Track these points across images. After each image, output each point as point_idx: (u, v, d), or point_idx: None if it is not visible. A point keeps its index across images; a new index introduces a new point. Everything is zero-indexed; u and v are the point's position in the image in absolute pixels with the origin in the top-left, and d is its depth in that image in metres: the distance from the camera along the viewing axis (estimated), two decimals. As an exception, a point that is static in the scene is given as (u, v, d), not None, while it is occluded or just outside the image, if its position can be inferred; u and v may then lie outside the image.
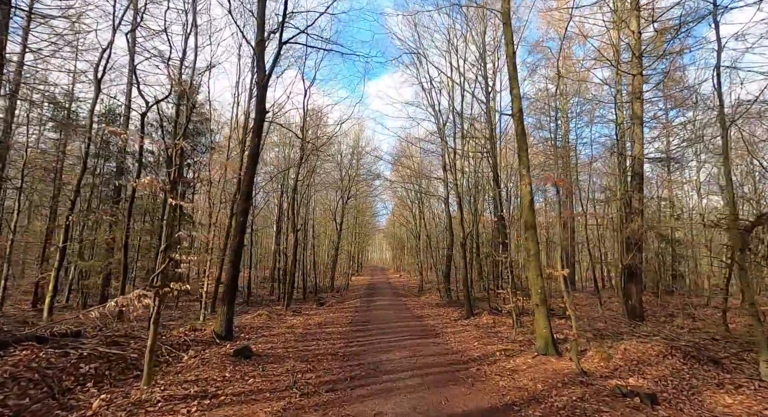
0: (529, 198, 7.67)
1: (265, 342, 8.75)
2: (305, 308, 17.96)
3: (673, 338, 9.40)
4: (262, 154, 24.74)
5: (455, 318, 14.48)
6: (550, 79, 24.73)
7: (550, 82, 24.83)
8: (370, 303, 20.38)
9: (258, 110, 9.14)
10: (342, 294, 26.77)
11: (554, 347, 7.25)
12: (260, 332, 10.27)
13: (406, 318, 14.39)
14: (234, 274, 9.04)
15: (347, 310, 16.81)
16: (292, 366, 6.54)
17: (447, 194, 20.65)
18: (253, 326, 11.03)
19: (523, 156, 7.80)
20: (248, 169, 9.13)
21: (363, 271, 57.33)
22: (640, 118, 13.11)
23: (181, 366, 6.16)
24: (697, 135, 17.83)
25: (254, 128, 9.12)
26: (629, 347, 8.06)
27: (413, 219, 29.26)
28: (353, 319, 13.78)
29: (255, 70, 9.15)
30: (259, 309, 17.66)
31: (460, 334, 10.74)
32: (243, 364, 6.39)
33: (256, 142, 9.09)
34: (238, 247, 9.09)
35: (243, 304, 20.51)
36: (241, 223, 9.10)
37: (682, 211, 23.64)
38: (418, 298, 23.39)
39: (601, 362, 7.02)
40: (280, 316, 13.87)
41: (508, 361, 7.22)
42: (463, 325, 12.71)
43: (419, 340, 9.70)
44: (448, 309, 17.26)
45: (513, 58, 8.08)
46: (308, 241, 27.49)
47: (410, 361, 7.27)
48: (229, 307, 8.93)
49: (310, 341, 9.31)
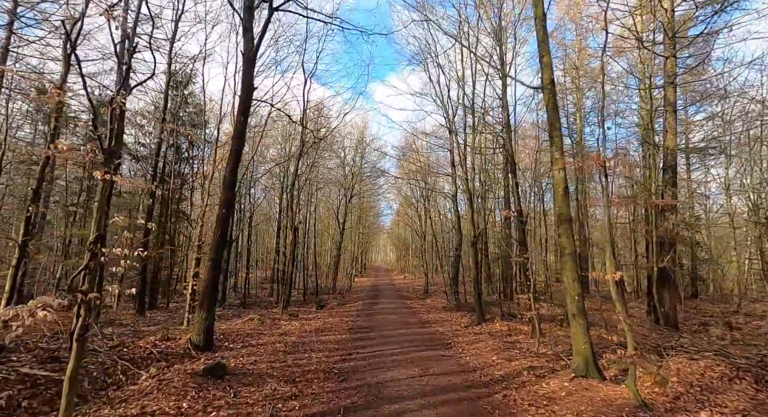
0: (563, 185, 6.29)
1: (248, 354, 7.40)
2: (304, 311, 16.63)
3: (725, 354, 7.95)
4: (261, 150, 23.52)
5: (465, 324, 13.08)
6: (564, 71, 23.35)
7: (565, 76, 23.45)
8: (373, 306, 19.00)
9: (244, 86, 7.83)
10: (344, 296, 25.41)
11: (596, 368, 5.84)
12: (247, 341, 8.93)
13: (411, 324, 13.01)
14: (215, 275, 7.72)
15: (348, 314, 15.46)
16: (273, 390, 5.18)
17: (455, 191, 19.27)
18: (241, 333, 9.69)
19: (555, 136, 6.42)
20: (233, 153, 7.82)
21: (366, 273, 55.89)
22: (673, 104, 11.67)
23: (132, 390, 4.83)
24: (726, 129, 16.34)
25: (240, 107, 7.81)
26: (682, 367, 6.64)
27: (418, 219, 27.86)
28: (354, 325, 12.42)
29: (243, 41, 7.80)
30: (255, 311, 16.36)
31: (474, 344, 9.34)
32: (212, 388, 5.04)
33: (241, 122, 7.77)
34: (220, 243, 7.77)
35: (239, 306, 19.23)
36: (224, 217, 7.78)
37: (705, 210, 22.09)
38: (424, 301, 21.98)
39: (655, 387, 5.61)
40: (275, 321, 12.53)
41: (540, 383, 5.82)
42: (475, 333, 11.31)
43: (428, 352, 8.32)
44: (456, 314, 15.85)
45: (543, 19, 6.71)
46: (310, 240, 26.19)
47: (419, 383, 5.89)
48: (209, 312, 7.60)
49: (303, 353, 7.96)
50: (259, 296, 25.14)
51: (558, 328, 12.33)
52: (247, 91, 7.82)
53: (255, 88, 7.95)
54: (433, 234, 22.97)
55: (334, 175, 28.06)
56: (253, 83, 7.95)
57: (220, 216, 7.80)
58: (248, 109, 7.96)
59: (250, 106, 8.03)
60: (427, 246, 29.70)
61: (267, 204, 28.41)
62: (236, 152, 7.83)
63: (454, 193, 19.25)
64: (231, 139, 8.21)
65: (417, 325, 12.67)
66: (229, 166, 7.81)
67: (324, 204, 31.80)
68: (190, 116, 18.66)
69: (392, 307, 18.62)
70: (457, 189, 19.54)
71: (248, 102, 7.93)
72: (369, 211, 39.32)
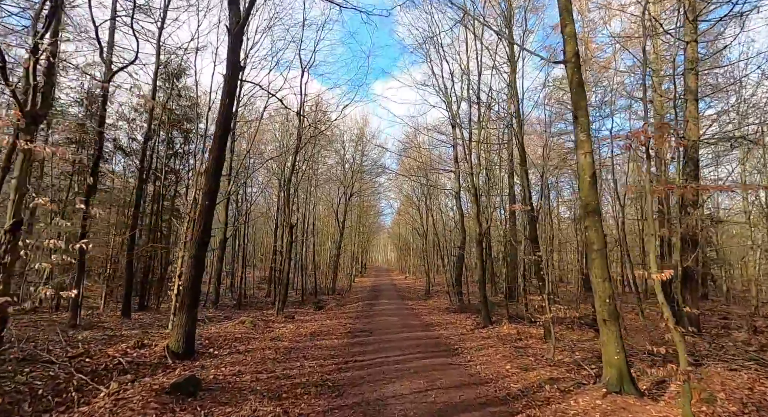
0: (590, 172, 5.43)
1: (232, 363, 6.55)
2: (301, 312, 15.77)
3: (766, 363, 7.08)
4: (259, 147, 22.68)
5: (471, 327, 12.23)
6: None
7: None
8: (373, 307, 18.14)
9: (230, 64, 6.99)
10: (344, 296, 24.55)
11: (632, 383, 4.98)
12: (235, 346, 8.08)
13: (414, 326, 12.15)
14: (197, 274, 6.88)
15: (347, 316, 14.60)
16: (253, 410, 4.33)
17: (459, 188, 18.43)
18: (229, 337, 8.84)
19: (581, 116, 5.57)
20: (217, 139, 6.98)
21: (367, 273, 55.00)
22: (695, 92, 10.81)
23: (82, 412, 3.98)
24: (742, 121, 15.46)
25: (225, 87, 6.97)
26: (725, 379, 5.78)
27: (420, 217, 27.00)
28: (353, 328, 11.56)
29: (227, 14, 6.96)
30: (249, 313, 15.52)
31: (483, 350, 8.48)
32: (178, 410, 4.19)
33: (227, 105, 6.92)
34: (202, 238, 6.92)
35: (234, 307, 18.39)
36: (207, 209, 6.93)
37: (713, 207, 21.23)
38: (426, 302, 21.12)
39: (702, 406, 4.75)
40: (268, 323, 11.67)
41: (566, 400, 4.96)
42: (482, 336, 10.45)
43: (434, 359, 7.46)
44: (460, 315, 15.00)
45: (566, -16, 5.86)
46: (309, 239, 25.34)
47: (426, 399, 5.03)
48: (189, 315, 6.75)
49: (294, 361, 7.10)
50: (256, 297, 24.27)
51: (570, 332, 11.45)
52: (233, 70, 6.97)
53: (242, 67, 7.10)
54: (435, 232, 22.11)
55: (334, 173, 27.22)
56: (239, 62, 7.10)
57: (202, 208, 6.95)
58: (234, 91, 7.12)
59: (236, 87, 7.19)
60: (429, 245, 28.85)
61: (265, 202, 27.57)
62: (221, 138, 6.97)
63: (458, 190, 18.41)
64: (215, 124, 7.37)
65: (420, 328, 11.82)
66: (213, 153, 6.96)
67: (324, 202, 30.96)
68: (183, 110, 17.81)
69: (393, 308, 17.76)
70: (460, 186, 18.70)
71: (234, 82, 7.09)
72: (369, 210, 38.47)
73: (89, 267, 14.12)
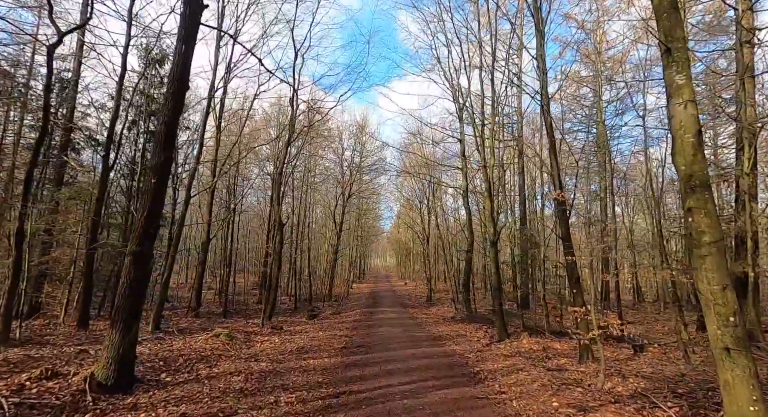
0: (694, 129, 3.65)
1: (180, 399, 4.66)
2: (291, 322, 13.87)
3: None
4: (251, 142, 20.90)
5: (485, 341, 10.38)
6: (581, 61, 20.89)
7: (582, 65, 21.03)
8: (372, 315, 16.24)
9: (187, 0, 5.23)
10: (341, 303, 22.59)
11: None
12: (196, 369, 6.19)
13: (419, 340, 10.29)
14: (138, 277, 5.03)
15: (343, 326, 12.71)
16: None
17: (466, 185, 16.65)
18: (193, 357, 6.95)
19: (678, 49, 3.80)
20: (169, 97, 5.19)
21: (365, 279, 52.90)
22: (751, 69, 9.14)
23: None
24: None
25: (181, 30, 5.20)
26: None
27: (421, 221, 25.17)
28: (348, 342, 9.67)
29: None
30: (234, 322, 13.62)
31: (511, 375, 6.61)
32: None
33: (182, 53, 5.15)
34: (146, 227, 5.08)
35: (220, 315, 16.44)
36: (154, 189, 5.10)
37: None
38: (428, 310, 19.21)
39: None
40: (249, 336, 9.77)
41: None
42: (503, 354, 8.57)
43: (452, 390, 5.60)
44: (469, 326, 13.14)
45: None
46: (304, 242, 23.46)
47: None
48: (125, 333, 4.89)
49: (269, 393, 5.23)
50: (247, 303, 22.28)
51: (604, 347, 9.60)
52: (192, 9, 5.21)
53: (205, 6, 5.33)
54: (439, 235, 20.27)
55: (332, 173, 25.45)
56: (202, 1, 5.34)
57: (150, 189, 5.13)
58: (193, 35, 5.33)
59: (195, 32, 5.40)
60: (431, 250, 26.99)
61: (258, 203, 25.73)
62: (174, 96, 5.17)
63: (465, 188, 16.63)
64: (167, 78, 5.59)
65: (427, 342, 9.95)
66: (164, 117, 5.16)
67: (320, 204, 29.16)
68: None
69: (394, 317, 15.86)
70: (468, 183, 16.93)
71: (193, 23, 5.29)
72: (368, 213, 36.62)
73: (50, 269, 12.21)
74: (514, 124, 17.88)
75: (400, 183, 28.66)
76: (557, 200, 8.19)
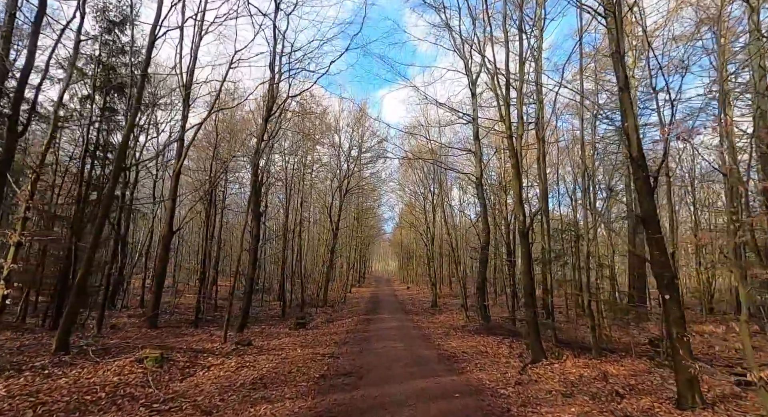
0: None
1: None
2: (269, 334, 11.03)
3: None
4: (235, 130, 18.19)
5: (516, 363, 7.52)
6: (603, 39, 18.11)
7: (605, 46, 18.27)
8: (370, 324, 13.38)
9: None
10: (336, 309, 19.68)
11: None
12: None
13: (429, 361, 7.42)
14: None
15: (331, 340, 9.86)
16: None
17: (480, 172, 13.86)
18: (73, 406, 4.14)
19: None
20: None
21: (365, 282, 49.78)
22: None
23: None
24: None
25: None
26: None
27: (425, 220, 22.33)
28: (332, 366, 6.80)
29: None
30: (200, 333, 10.84)
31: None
32: None
33: None
34: None
35: (190, 324, 13.61)
36: None
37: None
38: (434, 317, 16.27)
39: None
40: (197, 358, 6.92)
41: None
42: (555, 390, 5.68)
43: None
44: (487, 339, 10.29)
45: None
46: (296, 241, 20.63)
47: None
48: None
49: None
50: (231, 310, 19.43)
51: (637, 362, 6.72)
52: None
53: None
54: (447, 231, 17.40)
55: (328, 166, 22.73)
56: None
57: None
58: None
59: None
60: (435, 251, 24.08)
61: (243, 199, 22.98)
62: None
63: (479, 175, 13.83)
64: None
65: (440, 366, 7.08)
66: None
67: (317, 202, 26.39)
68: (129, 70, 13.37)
69: (395, 326, 12.96)
70: (482, 169, 14.13)
71: None
72: (368, 212, 33.79)
73: None
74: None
75: (402, 176, 25.87)
76: (634, 161, 5.38)
